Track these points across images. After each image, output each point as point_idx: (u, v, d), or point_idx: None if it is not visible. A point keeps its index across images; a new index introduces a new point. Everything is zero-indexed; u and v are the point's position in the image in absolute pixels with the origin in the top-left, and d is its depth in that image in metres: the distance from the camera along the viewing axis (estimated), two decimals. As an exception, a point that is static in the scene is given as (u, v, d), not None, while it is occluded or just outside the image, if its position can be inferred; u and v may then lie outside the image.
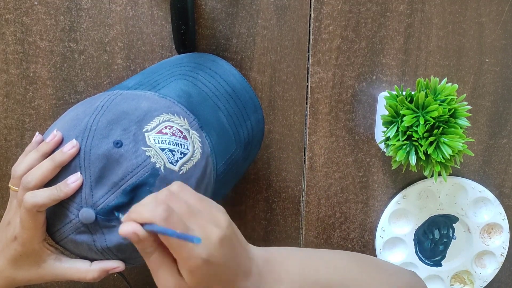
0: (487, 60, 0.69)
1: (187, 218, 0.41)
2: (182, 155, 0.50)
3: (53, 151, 0.49)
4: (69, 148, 0.48)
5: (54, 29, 0.64)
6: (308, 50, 0.67)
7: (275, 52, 0.66)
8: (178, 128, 0.51)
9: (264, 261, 0.47)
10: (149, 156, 0.48)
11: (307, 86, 0.68)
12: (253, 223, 0.71)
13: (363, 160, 0.70)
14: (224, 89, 0.60)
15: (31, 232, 0.48)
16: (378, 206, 0.72)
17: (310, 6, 0.66)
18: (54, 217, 0.48)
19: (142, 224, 0.40)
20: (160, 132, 0.50)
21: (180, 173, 0.50)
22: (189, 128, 0.53)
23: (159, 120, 0.51)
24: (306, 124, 0.69)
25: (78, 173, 0.47)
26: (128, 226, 0.40)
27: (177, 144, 0.50)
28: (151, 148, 0.48)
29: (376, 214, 0.72)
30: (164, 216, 0.39)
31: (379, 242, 0.72)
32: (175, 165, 0.49)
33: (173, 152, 0.50)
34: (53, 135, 0.50)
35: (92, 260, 0.50)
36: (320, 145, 0.69)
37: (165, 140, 0.50)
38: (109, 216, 0.47)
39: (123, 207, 0.47)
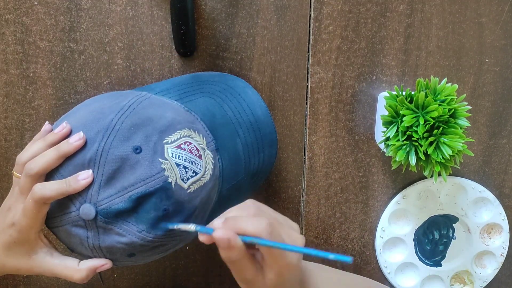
0: (487, 60, 0.69)
1: (278, 229, 0.44)
2: (194, 174, 0.50)
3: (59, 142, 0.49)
4: (76, 140, 0.48)
5: (54, 29, 0.64)
6: (308, 50, 0.67)
7: (275, 52, 0.66)
8: (196, 146, 0.52)
9: (304, 270, 0.50)
10: (164, 169, 0.48)
11: (307, 86, 0.68)
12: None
13: (363, 160, 0.70)
14: (248, 118, 0.61)
15: (31, 221, 0.48)
16: (378, 206, 0.72)
17: (310, 6, 0.66)
18: (55, 204, 0.48)
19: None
20: (179, 147, 0.50)
21: (188, 191, 0.50)
22: (205, 147, 0.53)
23: (180, 134, 0.51)
24: (306, 124, 0.69)
25: (90, 171, 0.47)
26: (225, 234, 0.42)
27: (191, 162, 0.50)
28: (167, 161, 0.48)
29: (376, 214, 0.72)
30: (269, 231, 0.42)
31: (379, 242, 0.72)
32: (185, 183, 0.49)
33: (187, 169, 0.50)
34: (62, 126, 0.50)
35: (79, 253, 0.51)
36: (320, 145, 0.69)
37: (182, 156, 0.50)
38: (108, 218, 0.47)
39: (125, 213, 0.47)
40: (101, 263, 0.50)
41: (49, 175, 0.49)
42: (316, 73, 0.67)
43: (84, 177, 0.47)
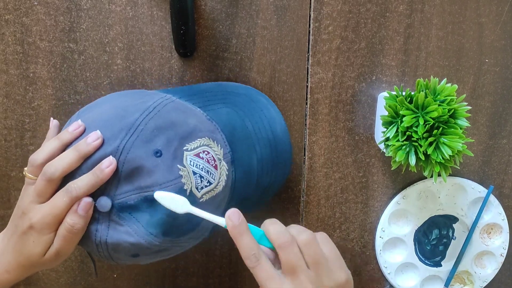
0: (486, 60, 0.69)
1: (313, 264, 0.46)
2: (208, 184, 0.50)
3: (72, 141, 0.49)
4: (94, 140, 0.47)
5: (54, 30, 0.64)
6: (308, 51, 0.67)
7: (275, 53, 0.66)
8: (213, 156, 0.52)
9: None
10: (181, 176, 0.48)
11: (307, 86, 0.68)
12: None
13: (363, 161, 0.70)
14: (267, 135, 0.61)
15: (58, 219, 0.47)
16: (378, 206, 0.72)
17: (310, 7, 0.66)
18: None
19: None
20: (197, 155, 0.50)
21: (200, 200, 0.50)
22: (222, 158, 0.53)
23: (200, 143, 0.51)
24: (306, 124, 0.69)
25: (111, 157, 0.47)
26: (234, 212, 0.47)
27: (207, 172, 0.50)
28: (185, 168, 0.49)
29: (376, 214, 0.72)
30: (285, 245, 0.46)
31: (379, 243, 0.72)
32: (199, 192, 0.50)
33: (202, 179, 0.50)
34: (78, 125, 0.49)
35: (83, 246, 0.50)
36: (320, 145, 0.69)
37: (199, 165, 0.50)
38: (122, 213, 0.47)
39: (139, 210, 0.47)
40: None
41: (70, 174, 0.48)
42: (316, 73, 0.67)
43: (107, 164, 0.46)
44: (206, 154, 0.51)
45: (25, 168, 0.50)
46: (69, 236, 0.47)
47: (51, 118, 0.53)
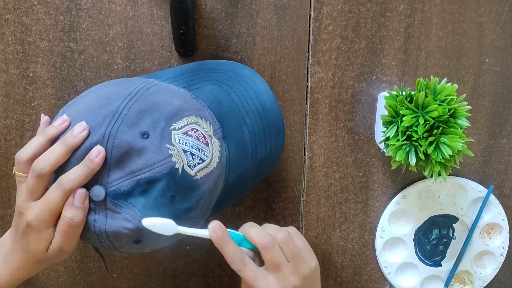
0: (487, 60, 0.69)
1: (291, 257, 0.53)
2: (201, 161, 0.50)
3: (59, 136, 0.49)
4: (80, 131, 0.47)
5: (54, 29, 0.64)
6: (308, 50, 0.67)
7: (275, 52, 0.66)
8: (203, 133, 0.52)
9: None
10: (171, 155, 0.48)
11: (307, 86, 0.68)
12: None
13: (363, 160, 0.70)
14: (255, 106, 0.61)
15: (54, 214, 0.47)
16: (378, 206, 0.72)
17: (310, 6, 0.66)
18: None
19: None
20: (186, 133, 0.50)
21: (194, 178, 0.50)
22: (212, 135, 0.53)
23: (187, 121, 0.51)
24: (306, 124, 0.69)
25: (98, 146, 0.47)
26: (216, 225, 0.51)
27: (198, 149, 0.50)
28: (174, 147, 0.49)
29: (376, 214, 0.72)
30: (267, 247, 0.51)
31: (379, 242, 0.72)
32: (192, 170, 0.50)
33: (193, 156, 0.50)
34: (63, 119, 0.49)
35: (84, 239, 0.50)
36: (320, 145, 0.69)
37: (189, 143, 0.50)
38: (117, 200, 0.47)
39: (133, 196, 0.47)
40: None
41: (60, 167, 0.48)
42: (316, 73, 0.67)
43: (96, 153, 0.46)
44: (195, 132, 0.51)
45: (14, 167, 0.50)
46: (70, 230, 0.47)
47: (42, 114, 0.53)
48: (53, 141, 0.49)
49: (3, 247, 0.52)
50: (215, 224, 0.50)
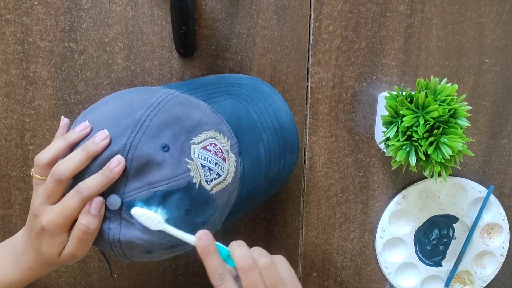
0: (487, 60, 0.69)
1: (271, 286, 0.47)
2: (217, 176, 0.50)
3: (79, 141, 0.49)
4: (102, 139, 0.47)
5: (54, 29, 0.64)
6: (308, 50, 0.67)
7: (275, 52, 0.66)
8: (221, 148, 0.52)
9: None
10: (190, 170, 0.48)
11: (307, 86, 0.68)
12: (253, 223, 0.71)
13: (363, 160, 0.70)
14: (273, 123, 0.61)
15: (69, 220, 0.47)
16: (378, 206, 0.72)
17: (310, 6, 0.66)
18: None
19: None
20: (205, 148, 0.50)
21: (210, 192, 0.50)
22: (229, 150, 0.53)
23: (207, 136, 0.51)
24: (306, 124, 0.69)
25: (119, 156, 0.47)
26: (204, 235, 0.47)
27: (216, 164, 0.50)
28: (193, 162, 0.49)
29: (376, 214, 0.72)
30: (246, 269, 0.47)
31: (379, 243, 0.72)
32: (209, 184, 0.50)
33: (211, 171, 0.50)
34: (85, 126, 0.49)
35: (97, 246, 0.50)
36: (320, 145, 0.69)
37: (207, 158, 0.50)
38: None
39: (149, 207, 0.47)
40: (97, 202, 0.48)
41: (79, 173, 0.48)
42: (316, 73, 0.67)
43: (116, 163, 0.46)
44: (213, 147, 0.51)
45: (32, 169, 0.50)
46: (85, 237, 0.48)
47: (62, 116, 0.53)
48: (73, 146, 0.49)
49: (15, 247, 0.52)
50: (202, 233, 0.48)
